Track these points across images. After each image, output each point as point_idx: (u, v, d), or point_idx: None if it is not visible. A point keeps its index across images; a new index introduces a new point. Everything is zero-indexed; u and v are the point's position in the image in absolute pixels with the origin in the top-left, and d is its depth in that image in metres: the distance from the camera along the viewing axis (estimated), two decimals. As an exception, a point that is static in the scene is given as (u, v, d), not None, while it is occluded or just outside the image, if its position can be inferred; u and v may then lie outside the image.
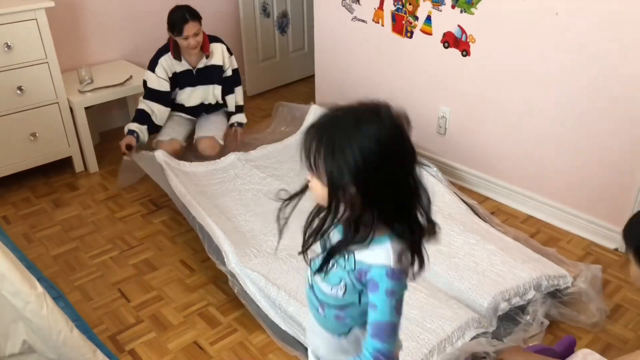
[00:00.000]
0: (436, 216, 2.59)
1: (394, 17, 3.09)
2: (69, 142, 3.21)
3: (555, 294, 2.24)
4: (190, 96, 3.17)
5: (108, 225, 2.86)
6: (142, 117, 3.06)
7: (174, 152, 3.06)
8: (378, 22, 3.19)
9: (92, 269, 2.55)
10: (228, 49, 3.17)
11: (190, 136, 3.29)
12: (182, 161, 3.00)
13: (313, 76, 3.98)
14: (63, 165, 3.30)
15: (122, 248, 2.69)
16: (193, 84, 3.14)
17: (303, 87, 4.51)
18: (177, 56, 3.03)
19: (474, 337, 1.96)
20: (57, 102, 3.10)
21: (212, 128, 3.22)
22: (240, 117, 3.30)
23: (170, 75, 3.06)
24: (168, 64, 3.04)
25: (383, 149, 1.00)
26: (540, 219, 2.82)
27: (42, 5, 2.90)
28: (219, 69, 3.15)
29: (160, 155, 2.89)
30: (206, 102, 3.23)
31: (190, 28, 2.91)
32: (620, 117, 2.41)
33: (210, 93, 3.20)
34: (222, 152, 3.18)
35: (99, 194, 3.12)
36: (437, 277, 2.25)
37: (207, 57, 3.08)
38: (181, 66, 3.07)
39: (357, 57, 3.42)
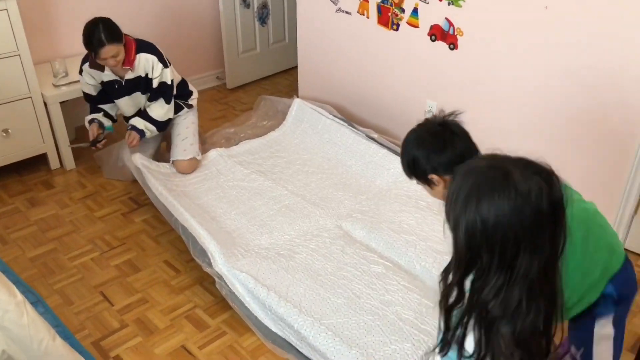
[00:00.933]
0: (426, 212, 2.57)
1: (380, 9, 3.04)
2: (43, 138, 3.09)
3: None
4: (135, 105, 2.88)
5: (87, 224, 2.75)
6: (95, 109, 2.91)
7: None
8: (363, 14, 3.13)
9: (72, 271, 2.45)
10: (161, 60, 2.75)
11: (158, 151, 3.12)
12: (162, 162, 2.91)
13: (294, 68, 3.92)
14: (37, 162, 3.17)
15: (103, 249, 2.59)
16: (127, 92, 2.82)
17: (284, 79, 4.43)
18: (98, 67, 2.72)
19: None
20: (30, 97, 2.97)
21: (186, 147, 2.91)
22: (139, 122, 2.82)
23: (99, 82, 2.81)
24: (93, 73, 2.77)
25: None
26: (528, 213, 2.82)
27: (13, -6, 2.77)
28: (147, 79, 2.78)
29: (137, 158, 2.79)
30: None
31: (107, 51, 2.56)
32: (608, 111, 2.41)
33: (142, 102, 2.89)
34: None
35: (76, 192, 3.01)
36: (432, 276, 2.22)
37: (132, 71, 2.74)
38: (107, 76, 2.76)
39: (341, 49, 3.36)
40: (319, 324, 1.97)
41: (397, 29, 3.01)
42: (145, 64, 2.74)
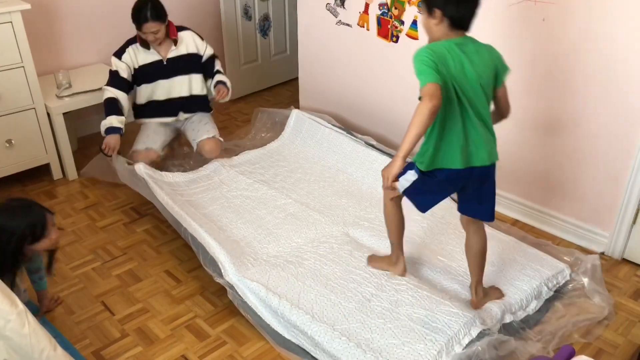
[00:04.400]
0: (431, 219, 2.61)
1: (380, 22, 3.07)
2: (46, 149, 3.11)
3: (558, 295, 2.28)
4: (168, 89, 2.97)
5: (89, 234, 2.77)
6: (114, 106, 2.85)
7: (151, 162, 2.91)
8: (363, 26, 3.16)
9: (74, 281, 2.47)
10: (199, 35, 3.03)
11: (169, 144, 3.15)
12: (164, 172, 2.93)
13: (295, 79, 3.95)
14: (40, 172, 3.20)
15: (105, 258, 2.61)
16: (166, 75, 2.95)
17: (285, 90, 4.47)
18: (146, 45, 2.87)
19: (480, 334, 1.96)
20: (34, 108, 3.01)
21: (209, 129, 3.07)
22: (225, 78, 3.10)
23: (136, 66, 2.90)
24: (135, 54, 2.89)
25: None
26: (527, 223, 2.83)
27: (17, 7, 2.80)
28: (195, 56, 3.00)
29: (141, 168, 2.80)
30: (186, 95, 3.01)
31: (149, 27, 2.78)
32: (606, 123, 2.43)
33: (187, 84, 3.00)
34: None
35: (78, 202, 3.03)
36: (441, 284, 2.25)
37: (176, 43, 2.92)
38: (150, 56, 2.90)
39: (341, 61, 3.39)
40: (332, 329, 1.99)
41: (396, 41, 3.04)
42: (187, 40, 2.97)
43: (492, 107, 1.96)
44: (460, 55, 1.80)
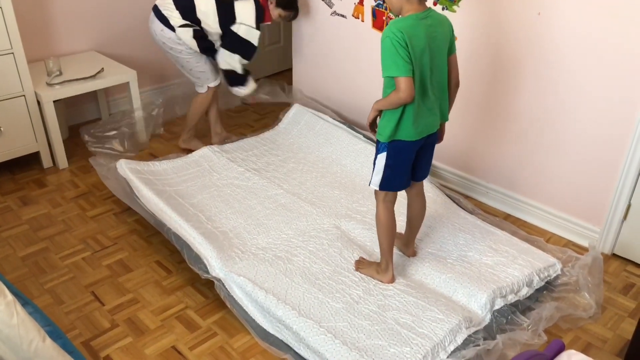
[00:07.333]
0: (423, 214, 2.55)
1: (375, 13, 3.05)
2: (36, 137, 3.08)
3: (547, 287, 2.29)
4: None
5: (79, 224, 2.75)
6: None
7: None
8: (358, 18, 3.14)
9: (63, 271, 2.45)
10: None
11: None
12: (150, 161, 2.89)
13: (289, 70, 3.92)
14: (30, 161, 3.16)
15: (95, 248, 2.59)
16: None
17: (279, 81, 4.43)
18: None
19: (465, 340, 1.96)
20: (24, 95, 2.96)
21: None
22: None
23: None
24: None
25: None
26: (519, 217, 2.84)
27: (7, -8, 2.76)
28: None
29: (122, 164, 2.75)
30: None
31: None
32: (598, 117, 2.43)
33: None
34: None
35: (69, 191, 3.00)
36: (432, 278, 2.25)
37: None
38: None
39: (336, 52, 3.37)
40: (319, 326, 1.97)
41: (391, 33, 3.01)
42: None
43: None
44: (426, 30, 1.89)
